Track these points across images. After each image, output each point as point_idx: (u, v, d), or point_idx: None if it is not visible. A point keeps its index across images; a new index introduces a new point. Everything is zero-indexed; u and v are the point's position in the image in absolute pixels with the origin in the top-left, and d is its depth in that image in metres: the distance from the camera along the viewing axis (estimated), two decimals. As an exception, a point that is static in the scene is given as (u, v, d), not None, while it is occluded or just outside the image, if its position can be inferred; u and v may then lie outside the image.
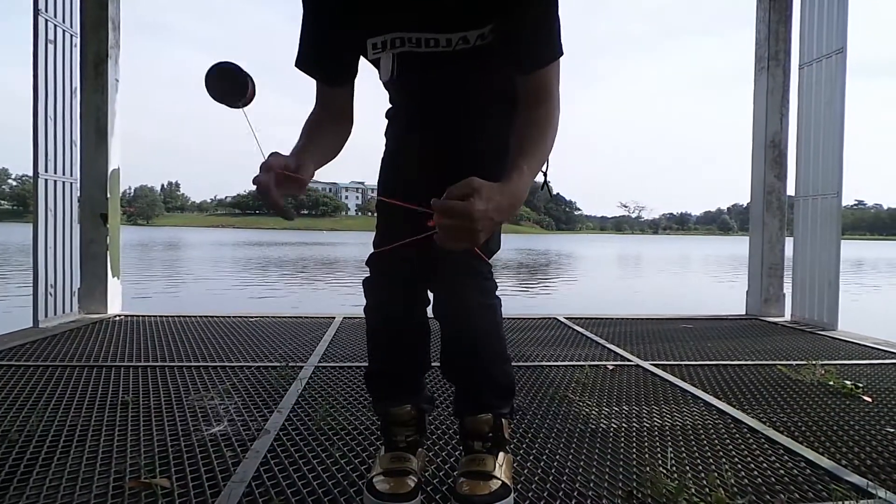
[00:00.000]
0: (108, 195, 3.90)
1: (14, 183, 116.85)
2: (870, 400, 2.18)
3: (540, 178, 1.46)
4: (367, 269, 1.33)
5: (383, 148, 1.42)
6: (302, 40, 1.18)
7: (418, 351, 1.36)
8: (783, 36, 4.31)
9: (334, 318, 3.86)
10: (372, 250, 1.32)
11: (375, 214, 1.36)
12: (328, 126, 1.21)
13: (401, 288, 1.30)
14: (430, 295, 1.32)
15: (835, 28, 3.76)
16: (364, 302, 1.35)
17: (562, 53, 1.12)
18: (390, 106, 1.43)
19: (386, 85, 1.37)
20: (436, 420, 1.84)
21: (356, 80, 1.25)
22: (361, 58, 1.22)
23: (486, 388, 1.31)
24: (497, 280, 1.34)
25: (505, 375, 1.34)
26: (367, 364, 1.41)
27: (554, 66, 1.11)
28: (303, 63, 1.19)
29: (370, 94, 1.44)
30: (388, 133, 1.44)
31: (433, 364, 1.41)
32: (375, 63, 1.21)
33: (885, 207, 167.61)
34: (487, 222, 0.92)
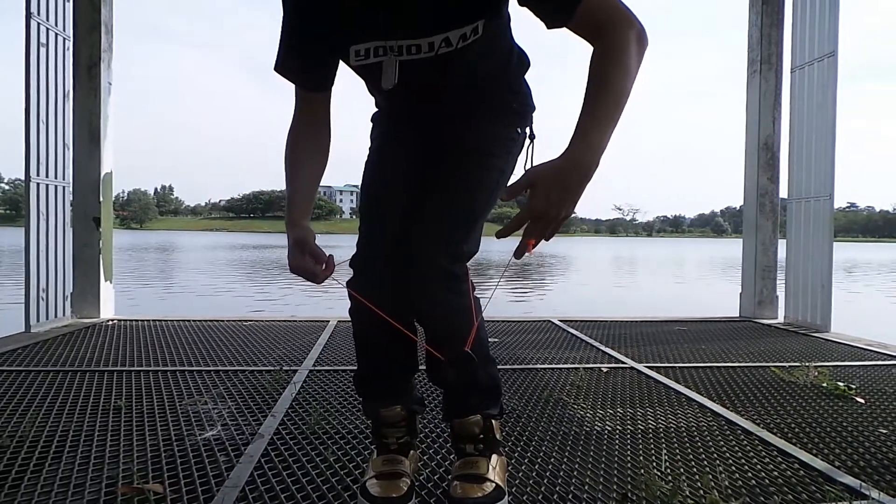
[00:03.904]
0: (101, 199, 3.88)
1: (6, 187, 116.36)
2: (863, 401, 2.19)
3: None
4: (351, 271, 1.33)
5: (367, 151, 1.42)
6: (282, 45, 1.17)
7: (405, 351, 1.35)
8: (775, 39, 4.33)
9: (328, 321, 3.85)
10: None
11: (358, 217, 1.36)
12: (310, 147, 1.22)
13: (385, 289, 1.29)
14: None
15: (826, 32, 3.79)
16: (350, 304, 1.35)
17: None
18: (376, 110, 1.43)
19: (370, 89, 1.36)
20: (430, 423, 1.84)
21: (339, 85, 1.24)
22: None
23: (472, 390, 1.31)
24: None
25: (489, 376, 1.34)
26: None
27: None
28: (283, 67, 1.19)
29: (366, 95, 1.43)
30: (373, 136, 1.43)
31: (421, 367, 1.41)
32: (357, 70, 1.20)
33: (878, 210, 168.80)
34: (554, 211, 0.92)
